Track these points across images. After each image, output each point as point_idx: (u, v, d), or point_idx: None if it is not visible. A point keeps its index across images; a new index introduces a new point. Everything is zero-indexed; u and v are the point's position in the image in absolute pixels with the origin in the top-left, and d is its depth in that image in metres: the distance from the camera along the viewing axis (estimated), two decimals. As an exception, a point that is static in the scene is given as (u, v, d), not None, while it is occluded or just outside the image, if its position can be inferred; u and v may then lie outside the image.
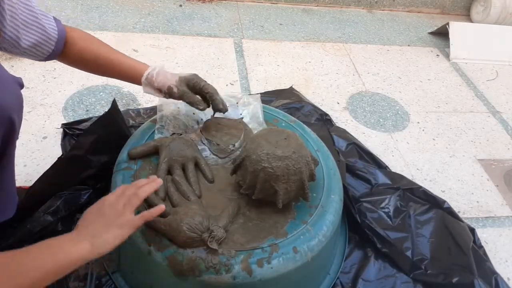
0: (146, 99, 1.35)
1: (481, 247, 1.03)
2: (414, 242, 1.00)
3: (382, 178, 1.14)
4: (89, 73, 0.91)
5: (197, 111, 0.99)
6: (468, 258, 0.97)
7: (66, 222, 0.90)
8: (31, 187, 0.87)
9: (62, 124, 1.18)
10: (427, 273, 0.94)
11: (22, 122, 0.73)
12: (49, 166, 0.86)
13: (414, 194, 1.11)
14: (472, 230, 1.05)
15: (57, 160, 0.87)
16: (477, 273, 0.94)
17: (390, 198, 1.08)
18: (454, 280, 0.92)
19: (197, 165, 0.86)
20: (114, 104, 0.92)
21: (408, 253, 0.97)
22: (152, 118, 0.97)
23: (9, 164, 0.76)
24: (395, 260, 0.96)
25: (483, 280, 0.94)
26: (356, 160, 1.19)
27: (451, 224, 1.04)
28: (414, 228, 1.03)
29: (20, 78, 0.72)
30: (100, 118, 0.92)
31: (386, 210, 1.05)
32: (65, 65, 0.86)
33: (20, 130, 1.13)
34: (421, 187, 1.12)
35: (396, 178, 1.15)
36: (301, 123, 1.05)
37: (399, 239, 0.99)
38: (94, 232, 0.62)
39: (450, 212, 1.07)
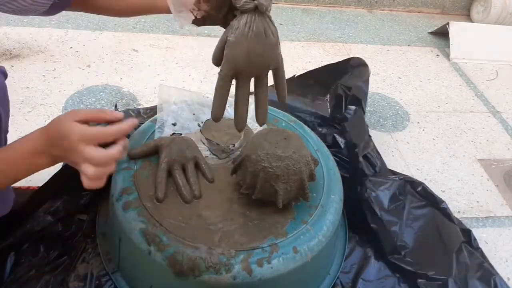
0: (146, 99, 1.35)
1: (478, 248, 1.02)
2: (402, 230, 1.01)
3: (385, 167, 1.16)
4: (89, 73, 0.89)
5: (197, 111, 0.99)
6: (449, 259, 0.97)
7: (66, 222, 0.90)
8: (35, 193, 0.87)
9: (62, 124, 1.18)
10: (404, 259, 0.95)
11: (22, 122, 0.73)
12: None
13: (414, 188, 1.11)
14: (468, 232, 1.04)
15: (63, 167, 0.88)
16: (456, 274, 0.94)
17: (391, 184, 1.09)
18: (430, 273, 0.93)
19: (197, 165, 0.86)
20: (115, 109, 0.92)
21: (393, 237, 0.98)
22: (152, 118, 0.97)
23: None
24: (379, 237, 0.97)
25: (481, 281, 0.94)
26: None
27: (443, 225, 1.05)
28: (406, 219, 1.03)
29: (3, 67, 0.70)
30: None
31: (385, 193, 1.06)
32: (65, 65, 0.85)
33: (20, 130, 1.14)
34: (422, 183, 1.12)
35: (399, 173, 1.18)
36: (301, 123, 1.05)
37: (389, 222, 1.00)
38: (58, 156, 0.60)
39: (445, 213, 1.07)
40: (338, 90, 1.31)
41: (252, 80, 0.66)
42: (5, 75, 0.70)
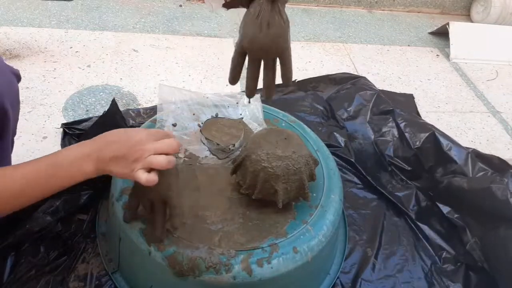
0: (146, 99, 1.35)
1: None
2: None
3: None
4: (89, 73, 0.89)
5: (197, 111, 0.99)
6: None
7: (66, 223, 0.90)
8: None
9: (62, 124, 1.18)
10: None
11: (22, 122, 0.73)
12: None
13: None
14: None
15: None
16: None
17: None
18: None
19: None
20: (113, 103, 0.92)
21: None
22: (152, 118, 0.97)
23: (5, 158, 0.76)
24: None
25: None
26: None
27: None
28: None
29: (18, 70, 0.71)
30: (101, 118, 0.91)
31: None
32: (65, 65, 0.85)
33: (20, 130, 1.14)
34: None
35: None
36: (301, 123, 1.05)
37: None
38: (106, 161, 0.59)
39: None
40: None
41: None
42: (18, 78, 0.70)
